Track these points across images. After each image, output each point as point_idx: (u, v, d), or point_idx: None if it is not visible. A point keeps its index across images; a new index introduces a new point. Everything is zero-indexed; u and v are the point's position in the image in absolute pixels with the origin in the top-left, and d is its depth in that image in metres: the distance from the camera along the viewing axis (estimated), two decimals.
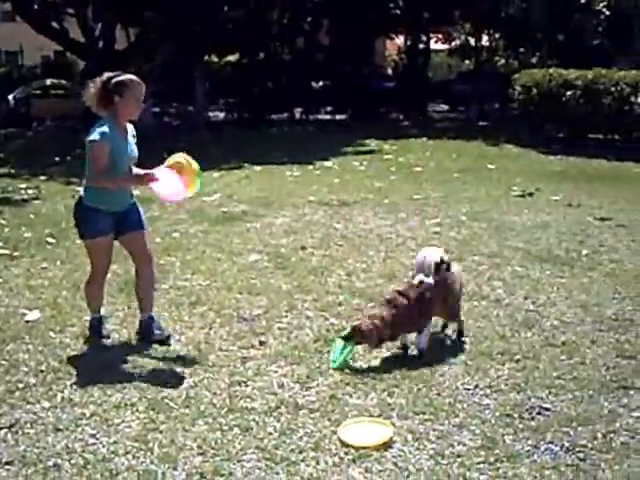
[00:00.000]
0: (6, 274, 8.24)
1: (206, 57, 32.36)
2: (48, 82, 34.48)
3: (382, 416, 4.76)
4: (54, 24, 30.42)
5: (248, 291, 7.34)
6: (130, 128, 6.02)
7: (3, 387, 5.34)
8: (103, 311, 6.45)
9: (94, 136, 5.68)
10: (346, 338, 5.54)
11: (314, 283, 7.53)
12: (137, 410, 4.94)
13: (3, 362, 5.78)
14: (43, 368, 5.65)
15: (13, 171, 17.41)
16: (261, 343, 6.01)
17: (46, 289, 7.64)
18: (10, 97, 32.95)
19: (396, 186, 13.46)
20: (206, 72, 30.77)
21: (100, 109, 5.84)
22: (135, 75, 5.94)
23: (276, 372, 5.46)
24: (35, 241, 9.76)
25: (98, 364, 5.69)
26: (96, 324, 6.30)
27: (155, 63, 27.90)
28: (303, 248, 8.95)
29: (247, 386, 5.25)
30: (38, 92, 33.50)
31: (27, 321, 6.70)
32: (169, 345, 6.09)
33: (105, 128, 5.69)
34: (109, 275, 7.06)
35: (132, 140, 6.02)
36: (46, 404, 5.07)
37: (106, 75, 5.82)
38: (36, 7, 30.31)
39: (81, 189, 6.05)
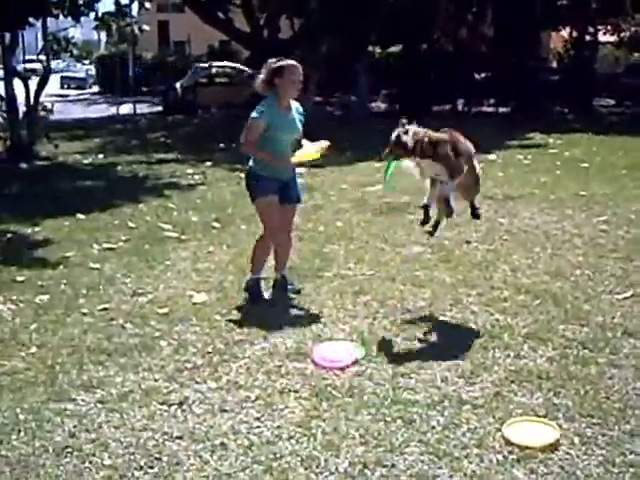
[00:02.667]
0: (174, 257, 8.51)
1: (369, 48, 32.39)
2: (214, 71, 35.35)
3: (548, 416, 4.66)
4: (220, 14, 31.10)
5: (412, 283, 7.32)
6: (295, 106, 6.84)
7: (173, 366, 5.52)
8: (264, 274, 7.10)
9: (253, 113, 6.60)
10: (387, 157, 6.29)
11: (479, 278, 7.43)
12: (301, 397, 5.01)
13: (172, 342, 5.99)
14: (210, 350, 5.81)
15: (180, 157, 17.94)
16: (425, 335, 5.98)
17: (213, 272, 7.84)
18: (177, 85, 33.96)
19: (562, 181, 13.12)
20: (369, 63, 30.80)
21: (265, 90, 6.70)
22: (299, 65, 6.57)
23: (440, 365, 5.41)
24: (202, 225, 10.04)
25: (263, 349, 5.81)
26: (254, 285, 6.98)
27: (318, 53, 28.05)
28: (467, 242, 8.85)
29: (410, 378, 5.23)
30: (204, 80, 34.40)
31: (194, 303, 6.91)
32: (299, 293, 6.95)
33: (264, 107, 6.61)
34: (273, 261, 7.21)
35: (296, 116, 6.80)
36: (213, 385, 5.21)
37: (269, 61, 6.64)
38: None
39: (251, 160, 6.84)
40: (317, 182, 13.00)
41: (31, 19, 17.23)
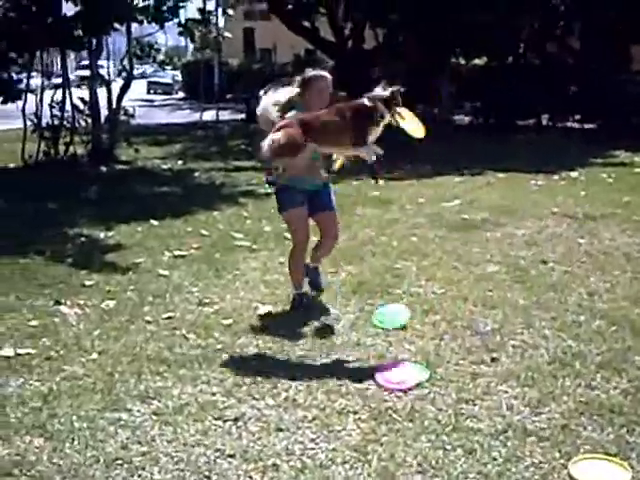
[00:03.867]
0: (244, 267, 8.44)
1: (453, 60, 32.13)
2: None
3: (619, 455, 4.38)
4: (306, 23, 31.21)
5: (483, 303, 7.08)
6: None
7: (231, 380, 5.42)
8: (306, 288, 7.14)
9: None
10: None
11: (553, 300, 7.15)
12: (359, 419, 4.85)
13: (234, 355, 5.89)
14: (269, 365, 5.68)
15: (259, 165, 17.93)
16: (493, 360, 5.75)
17: (281, 285, 7.71)
18: (261, 93, 34.06)
19: None
20: (452, 75, 30.52)
21: (297, 101, 6.82)
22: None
23: (506, 392, 5.20)
24: (274, 235, 9.94)
25: (325, 368, 5.67)
26: (298, 299, 6.99)
27: (402, 64, 27.92)
28: (544, 262, 8.54)
29: (474, 405, 5.03)
30: None
31: (260, 315, 6.81)
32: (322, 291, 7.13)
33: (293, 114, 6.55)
34: (343, 275, 7.13)
35: None
36: (270, 402, 5.09)
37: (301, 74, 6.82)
38: (290, 6, 31.18)
39: None
40: (395, 195, 12.83)
41: (116, 24, 17.49)
